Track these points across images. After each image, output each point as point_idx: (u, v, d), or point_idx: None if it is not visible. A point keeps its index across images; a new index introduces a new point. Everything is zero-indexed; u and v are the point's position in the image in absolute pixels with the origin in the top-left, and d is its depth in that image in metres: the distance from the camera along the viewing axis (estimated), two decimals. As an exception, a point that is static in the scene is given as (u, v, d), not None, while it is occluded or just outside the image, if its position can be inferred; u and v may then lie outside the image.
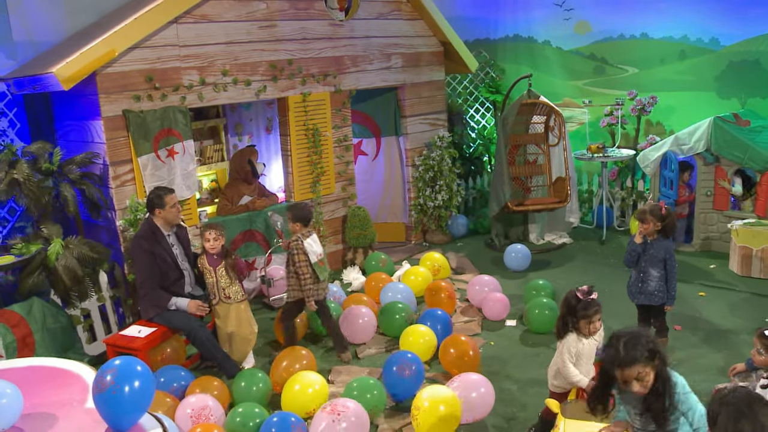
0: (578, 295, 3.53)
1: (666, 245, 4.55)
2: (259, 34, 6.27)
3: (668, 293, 4.64)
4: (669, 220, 4.49)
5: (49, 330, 4.95)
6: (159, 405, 4.13)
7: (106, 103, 5.37)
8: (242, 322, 4.96)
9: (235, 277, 4.94)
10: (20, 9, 6.22)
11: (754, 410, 2.12)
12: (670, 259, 4.57)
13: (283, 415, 3.95)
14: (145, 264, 4.78)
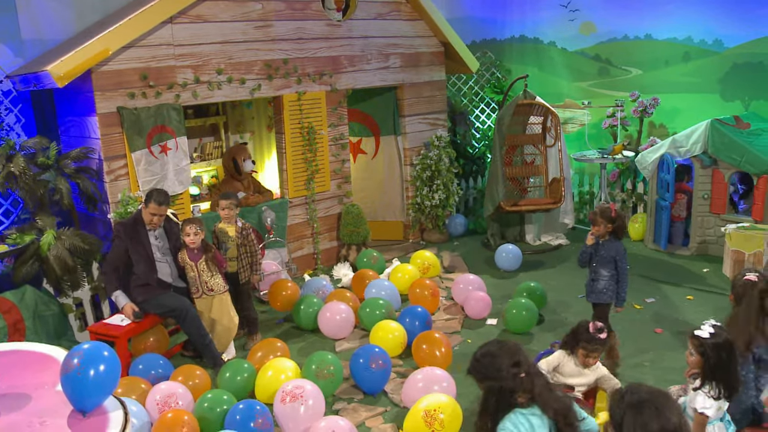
0: (590, 328, 3.64)
1: (616, 246, 4.56)
2: (255, 34, 6.41)
3: (618, 295, 4.64)
4: (619, 221, 4.50)
5: (40, 317, 5.17)
6: (133, 390, 4.31)
7: (101, 100, 5.58)
8: (224, 313, 5.11)
9: (216, 270, 5.08)
10: (29, 8, 6.46)
11: (659, 405, 2.12)
12: (621, 261, 4.57)
13: (249, 403, 4.08)
14: (115, 248, 4.96)
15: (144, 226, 5.06)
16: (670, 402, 2.17)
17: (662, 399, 2.16)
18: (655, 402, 2.14)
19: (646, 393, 2.19)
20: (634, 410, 2.13)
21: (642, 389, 2.22)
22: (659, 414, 2.10)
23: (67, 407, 3.53)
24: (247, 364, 4.57)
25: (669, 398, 2.19)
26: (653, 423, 2.10)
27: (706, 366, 2.96)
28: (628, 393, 2.22)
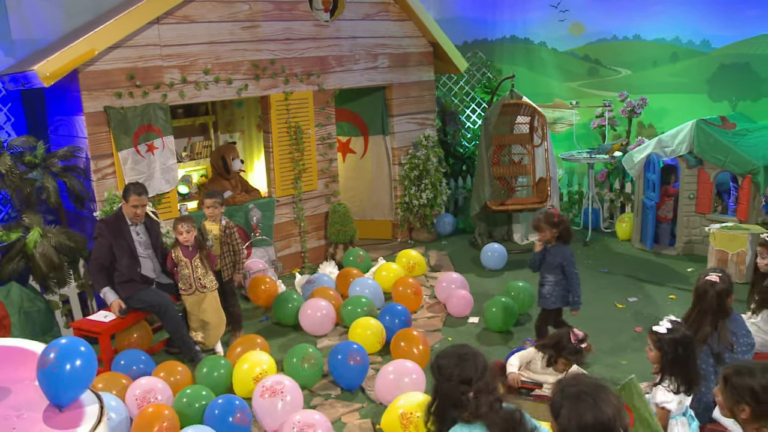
0: (572, 338, 3.71)
1: (563, 251, 4.57)
2: (242, 34, 6.48)
3: (571, 299, 4.65)
4: (562, 226, 4.52)
5: (26, 313, 5.23)
6: (113, 386, 4.38)
7: (88, 99, 5.64)
8: (215, 310, 5.20)
9: (210, 267, 5.16)
10: (19, 8, 6.52)
11: (596, 397, 2.17)
12: (568, 265, 4.58)
13: (228, 398, 4.15)
14: (99, 245, 5.02)
15: (126, 222, 5.12)
16: (608, 395, 2.20)
17: (600, 392, 2.20)
18: (592, 394, 2.18)
19: (584, 385, 2.23)
20: (571, 401, 2.17)
21: (582, 381, 2.26)
22: (595, 406, 2.13)
23: (44, 401, 3.60)
24: (224, 360, 4.64)
25: (607, 391, 2.22)
26: (588, 414, 2.13)
27: (665, 361, 3.01)
28: (568, 384, 2.27)
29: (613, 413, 2.13)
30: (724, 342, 3.26)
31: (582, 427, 2.13)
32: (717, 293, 3.32)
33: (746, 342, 3.34)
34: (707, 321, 3.30)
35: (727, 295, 3.35)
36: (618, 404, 2.20)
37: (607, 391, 2.21)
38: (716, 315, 3.31)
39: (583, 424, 2.13)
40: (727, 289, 3.36)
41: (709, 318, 3.30)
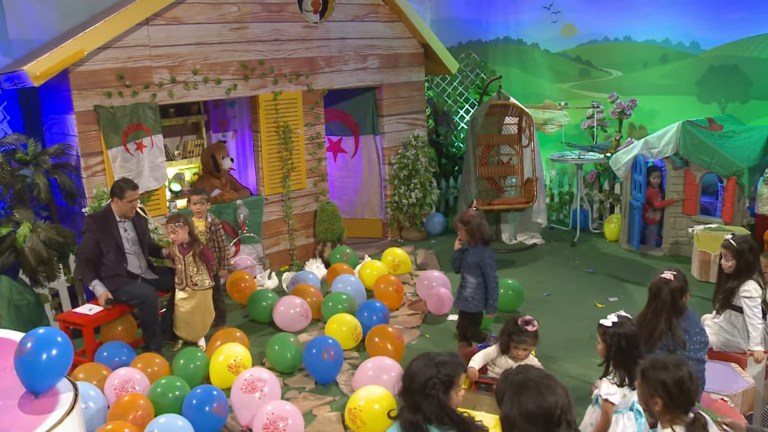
0: (518, 322, 3.78)
1: (481, 253, 4.54)
2: (231, 35, 6.61)
3: (486, 302, 4.64)
4: (469, 226, 4.48)
5: (15, 306, 5.39)
6: (94, 376, 4.51)
7: (78, 98, 5.79)
8: (204, 310, 5.28)
9: (203, 266, 5.22)
10: (15, 9, 6.69)
11: (540, 386, 2.25)
12: (486, 267, 4.55)
13: (207, 388, 4.28)
14: (87, 240, 5.16)
15: (115, 218, 5.26)
16: (552, 384, 2.28)
17: (545, 381, 2.28)
18: (536, 383, 2.26)
19: (529, 374, 2.31)
20: (515, 389, 2.26)
21: (527, 371, 2.35)
22: (538, 394, 2.22)
23: (21, 388, 3.75)
24: (200, 352, 4.77)
25: (552, 380, 2.31)
26: (530, 402, 2.21)
27: (609, 353, 3.10)
28: (513, 373, 2.35)
29: (556, 402, 2.20)
30: (677, 340, 3.33)
31: (523, 414, 2.21)
32: (671, 291, 3.39)
33: (699, 340, 3.40)
34: (662, 319, 3.37)
35: (681, 293, 3.42)
36: (564, 395, 2.27)
37: (552, 381, 2.29)
38: (670, 313, 3.38)
39: (525, 411, 2.21)
40: (681, 287, 3.43)
41: (663, 316, 3.37)
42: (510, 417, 2.22)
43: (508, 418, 2.23)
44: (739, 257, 4.02)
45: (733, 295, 4.04)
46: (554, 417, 2.17)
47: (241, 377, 4.32)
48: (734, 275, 4.05)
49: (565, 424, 2.19)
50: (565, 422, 2.19)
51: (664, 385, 2.42)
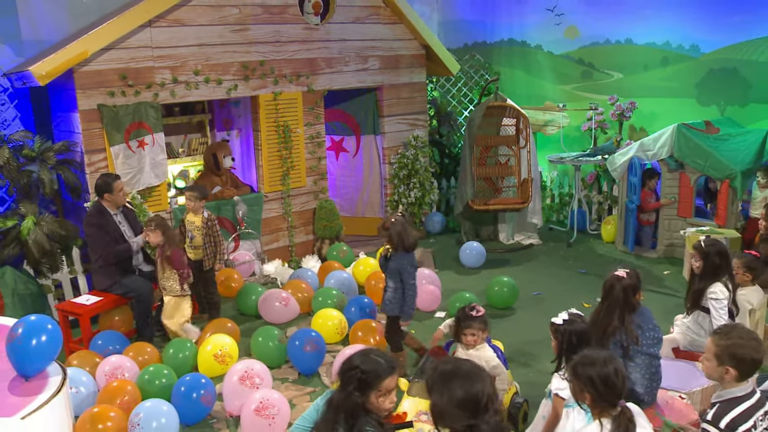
0: (465, 309, 3.89)
1: (400, 259, 4.53)
2: (232, 37, 6.80)
3: (402, 308, 4.59)
4: (388, 232, 4.52)
5: (19, 296, 5.64)
6: (87, 363, 4.73)
7: (82, 97, 6.04)
8: (171, 315, 5.33)
9: (171, 271, 5.24)
10: (29, 10, 6.96)
11: (468, 375, 2.37)
12: (404, 274, 4.52)
13: (195, 376, 4.47)
14: (100, 239, 5.37)
15: (109, 213, 5.49)
16: (480, 373, 2.41)
17: (473, 369, 2.42)
18: (464, 372, 2.39)
19: (458, 364, 2.45)
20: (444, 378, 2.39)
21: (457, 361, 2.49)
22: (466, 382, 2.35)
23: (13, 372, 3.98)
24: (189, 342, 4.96)
25: (480, 370, 2.44)
26: (459, 390, 2.34)
27: (560, 349, 3.21)
28: (442, 363, 2.49)
29: (483, 389, 2.33)
30: (630, 335, 3.42)
31: (453, 401, 2.34)
32: (623, 288, 3.48)
33: (653, 336, 3.49)
34: (615, 315, 3.46)
35: (633, 290, 3.51)
36: (490, 384, 2.40)
37: (480, 370, 2.42)
38: (623, 309, 3.47)
39: (455, 398, 2.34)
40: (633, 284, 3.52)
41: (616, 312, 3.46)
42: (440, 405, 2.34)
43: (438, 406, 2.36)
44: (706, 258, 4.08)
45: (702, 296, 4.11)
46: (481, 403, 2.30)
47: (245, 372, 4.44)
48: (701, 277, 4.11)
49: (491, 411, 2.31)
50: (491, 409, 2.32)
51: (591, 380, 2.53)
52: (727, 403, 2.66)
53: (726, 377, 2.68)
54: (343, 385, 2.58)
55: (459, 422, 2.31)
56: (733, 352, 2.64)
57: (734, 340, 2.67)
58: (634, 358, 3.41)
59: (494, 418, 2.32)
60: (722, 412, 2.64)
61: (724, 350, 2.66)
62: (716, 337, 2.74)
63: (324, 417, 2.61)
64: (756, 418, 2.63)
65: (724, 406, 2.65)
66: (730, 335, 2.70)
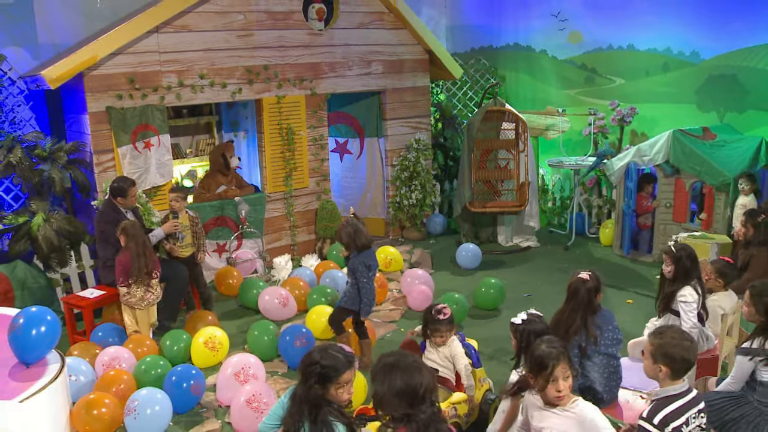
0: (432, 311, 4.07)
1: (353, 258, 4.79)
2: (237, 42, 7.03)
3: (360, 305, 4.84)
4: (339, 234, 4.82)
5: (28, 288, 5.95)
6: (87, 353, 4.99)
7: (91, 100, 6.32)
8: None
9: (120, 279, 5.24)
10: (45, 15, 7.26)
11: (407, 367, 2.56)
12: (356, 272, 4.75)
13: (186, 367, 4.70)
14: (113, 235, 5.62)
15: (121, 212, 5.75)
16: (420, 367, 2.60)
17: (413, 363, 2.60)
18: (405, 364, 2.58)
19: (400, 357, 2.64)
20: (387, 369, 2.58)
21: (399, 354, 2.68)
22: (406, 374, 2.54)
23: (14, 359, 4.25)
24: (185, 335, 5.20)
25: (420, 364, 2.62)
26: (398, 380, 2.54)
27: (519, 348, 3.36)
28: (386, 356, 2.68)
29: (421, 382, 2.52)
30: (589, 335, 3.55)
31: (393, 390, 2.53)
32: (587, 290, 3.62)
33: (612, 337, 3.61)
34: (578, 315, 3.60)
35: (595, 292, 3.64)
36: (429, 377, 2.59)
37: (421, 365, 2.61)
38: (586, 310, 3.60)
39: (394, 388, 2.53)
40: (596, 287, 3.65)
41: (580, 313, 3.60)
42: (381, 393, 2.53)
43: (379, 394, 2.54)
44: (677, 262, 4.19)
45: (673, 299, 4.21)
46: (419, 394, 2.48)
47: (229, 361, 4.68)
48: (672, 280, 4.22)
49: (428, 402, 2.49)
50: (429, 400, 2.49)
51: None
52: (662, 400, 2.80)
53: (660, 375, 2.83)
54: (305, 379, 2.77)
55: (397, 410, 2.48)
56: (666, 351, 2.78)
57: (667, 339, 2.81)
58: (592, 358, 3.55)
59: (431, 409, 2.50)
60: (657, 409, 2.78)
61: (657, 349, 2.81)
62: (651, 336, 2.88)
63: (290, 411, 2.81)
64: (689, 415, 2.77)
65: (659, 404, 2.79)
66: (664, 335, 2.84)
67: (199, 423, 4.45)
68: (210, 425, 4.40)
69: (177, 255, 5.92)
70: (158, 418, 4.28)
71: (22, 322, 4.15)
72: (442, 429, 2.53)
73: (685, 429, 2.75)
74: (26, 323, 4.13)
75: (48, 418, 3.99)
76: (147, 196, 6.57)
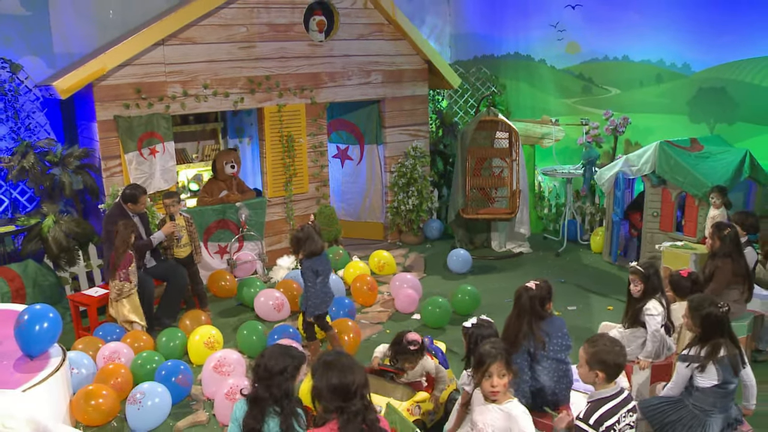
0: (403, 341, 4.26)
1: (303, 263, 5.21)
2: (239, 53, 7.37)
3: (304, 306, 5.27)
4: (291, 241, 5.23)
5: (39, 286, 6.35)
6: (90, 347, 5.36)
7: (100, 109, 6.70)
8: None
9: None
10: (60, 26, 7.64)
11: (343, 367, 2.84)
12: (304, 276, 5.20)
13: (176, 362, 5.05)
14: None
15: (129, 215, 6.12)
16: (353, 367, 2.88)
17: (348, 363, 2.89)
18: (341, 363, 2.87)
19: (338, 357, 2.93)
20: (325, 366, 2.87)
21: (337, 354, 2.97)
22: (341, 372, 2.82)
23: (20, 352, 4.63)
24: (180, 332, 5.55)
25: (354, 364, 2.90)
26: (334, 378, 2.82)
27: (468, 349, 3.64)
28: (326, 354, 2.97)
29: (354, 380, 2.81)
30: (537, 341, 3.80)
31: (328, 385, 2.83)
32: (530, 297, 3.86)
33: (560, 343, 3.85)
34: (524, 321, 3.84)
35: (541, 301, 3.88)
36: (362, 376, 2.87)
37: (354, 365, 2.90)
38: (531, 317, 3.85)
39: (330, 384, 2.83)
40: (541, 295, 3.89)
41: (525, 319, 3.85)
42: (319, 387, 2.84)
43: (316, 388, 2.85)
44: (647, 281, 4.41)
45: (641, 313, 4.42)
46: (351, 391, 2.77)
47: (217, 360, 5.02)
48: (642, 297, 4.43)
49: (360, 397, 2.78)
50: (360, 396, 2.79)
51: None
52: (597, 402, 3.06)
53: (596, 380, 3.08)
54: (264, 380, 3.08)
55: (332, 403, 2.78)
56: (600, 358, 3.04)
57: (600, 347, 3.06)
58: (541, 362, 3.80)
59: (362, 402, 2.79)
60: (592, 410, 3.04)
61: (591, 356, 3.06)
62: (586, 345, 3.14)
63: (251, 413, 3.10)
64: (620, 414, 3.03)
65: (594, 405, 3.05)
66: (597, 344, 3.09)
67: (188, 414, 4.78)
68: (198, 417, 4.73)
69: (175, 256, 6.27)
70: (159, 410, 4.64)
71: (26, 319, 4.54)
72: (370, 418, 2.81)
73: (617, 427, 3.01)
74: (30, 320, 4.52)
75: (49, 406, 4.36)
76: (151, 200, 6.93)
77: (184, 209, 7.30)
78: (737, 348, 3.60)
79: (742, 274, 5.02)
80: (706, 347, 3.55)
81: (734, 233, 5.07)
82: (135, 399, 4.58)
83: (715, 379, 3.53)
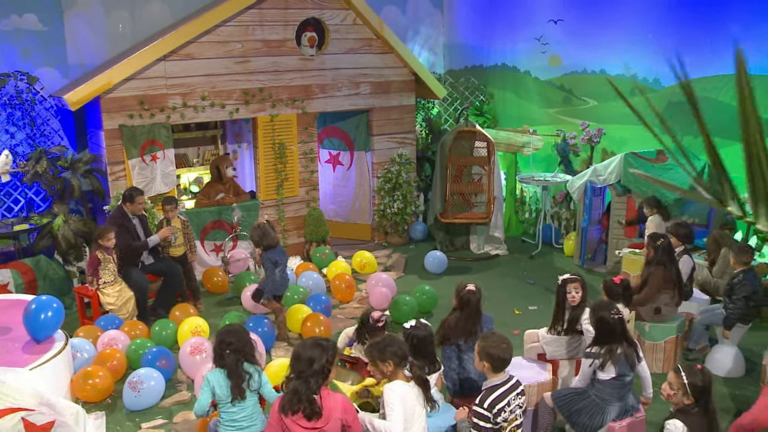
0: (370, 319, 4.88)
1: (264, 255, 5.98)
2: (235, 67, 8.01)
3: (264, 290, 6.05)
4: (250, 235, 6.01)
5: (50, 279, 7.05)
6: (91, 335, 6.03)
7: (107, 119, 7.38)
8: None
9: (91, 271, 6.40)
10: (74, 39, 8.32)
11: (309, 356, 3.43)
12: (264, 265, 6.01)
13: (160, 348, 5.72)
14: (121, 236, 6.67)
15: (129, 217, 6.79)
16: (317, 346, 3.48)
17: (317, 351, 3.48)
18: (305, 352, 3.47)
19: (302, 346, 3.53)
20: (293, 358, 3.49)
21: (308, 341, 3.56)
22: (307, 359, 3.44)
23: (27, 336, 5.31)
24: (172, 323, 6.21)
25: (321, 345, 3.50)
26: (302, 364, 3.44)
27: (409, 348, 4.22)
28: (308, 339, 3.59)
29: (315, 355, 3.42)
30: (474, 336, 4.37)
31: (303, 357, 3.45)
32: (477, 300, 4.46)
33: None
34: (471, 321, 4.43)
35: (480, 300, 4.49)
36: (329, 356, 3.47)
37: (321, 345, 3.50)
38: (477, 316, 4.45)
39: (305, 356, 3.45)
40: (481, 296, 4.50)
41: (472, 318, 4.44)
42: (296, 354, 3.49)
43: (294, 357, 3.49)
44: (584, 289, 4.93)
45: (577, 322, 4.91)
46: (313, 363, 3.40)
47: (189, 343, 5.68)
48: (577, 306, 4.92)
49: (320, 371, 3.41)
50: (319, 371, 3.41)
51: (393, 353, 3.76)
52: (489, 389, 3.63)
53: (485, 370, 3.66)
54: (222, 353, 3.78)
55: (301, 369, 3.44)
56: (487, 352, 3.61)
57: (489, 343, 3.63)
58: (468, 353, 4.37)
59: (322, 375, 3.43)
60: (485, 396, 3.61)
61: (481, 350, 3.64)
62: (479, 340, 3.71)
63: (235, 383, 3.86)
64: (510, 398, 3.60)
65: (487, 392, 3.62)
66: (487, 340, 3.66)
67: (173, 394, 5.44)
68: (181, 396, 5.39)
69: (171, 254, 6.93)
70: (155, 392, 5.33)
71: (33, 308, 5.22)
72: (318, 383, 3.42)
73: (508, 408, 3.58)
74: (37, 308, 5.21)
75: (52, 384, 5.03)
76: (152, 203, 7.60)
77: (183, 210, 8.01)
78: (632, 346, 4.14)
79: (673, 281, 5.51)
80: (604, 348, 4.09)
81: (667, 243, 5.56)
82: (134, 383, 5.23)
83: (612, 373, 4.07)
